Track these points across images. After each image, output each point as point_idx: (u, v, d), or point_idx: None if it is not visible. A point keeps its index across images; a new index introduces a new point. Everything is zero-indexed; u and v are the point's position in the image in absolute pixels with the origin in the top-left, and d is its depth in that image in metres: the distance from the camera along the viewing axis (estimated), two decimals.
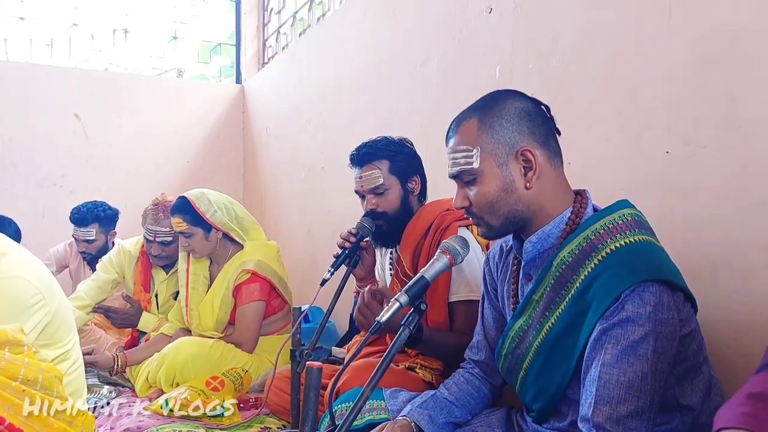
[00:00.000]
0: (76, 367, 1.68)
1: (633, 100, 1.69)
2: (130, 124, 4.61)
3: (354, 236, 1.95)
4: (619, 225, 1.20)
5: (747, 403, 0.75)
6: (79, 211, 3.46)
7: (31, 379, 1.28)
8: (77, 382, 1.70)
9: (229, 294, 2.56)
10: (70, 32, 4.69)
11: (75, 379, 1.68)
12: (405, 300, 1.25)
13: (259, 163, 4.63)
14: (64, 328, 1.62)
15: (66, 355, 1.61)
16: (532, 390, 1.30)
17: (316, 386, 1.12)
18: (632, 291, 1.11)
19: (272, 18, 4.77)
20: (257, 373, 2.43)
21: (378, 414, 1.49)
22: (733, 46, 1.45)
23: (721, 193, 1.47)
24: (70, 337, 1.66)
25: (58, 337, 1.59)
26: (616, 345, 1.11)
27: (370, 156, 1.96)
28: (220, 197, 2.65)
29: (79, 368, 1.71)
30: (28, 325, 1.45)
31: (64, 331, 1.63)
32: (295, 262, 3.83)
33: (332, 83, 3.44)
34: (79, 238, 3.46)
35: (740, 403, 0.76)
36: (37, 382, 1.28)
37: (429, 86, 2.57)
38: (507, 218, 1.27)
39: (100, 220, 3.46)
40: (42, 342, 1.52)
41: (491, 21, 2.22)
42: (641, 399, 1.09)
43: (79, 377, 1.70)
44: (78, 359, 1.71)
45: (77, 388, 1.70)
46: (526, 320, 1.30)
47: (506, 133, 1.25)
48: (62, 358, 1.61)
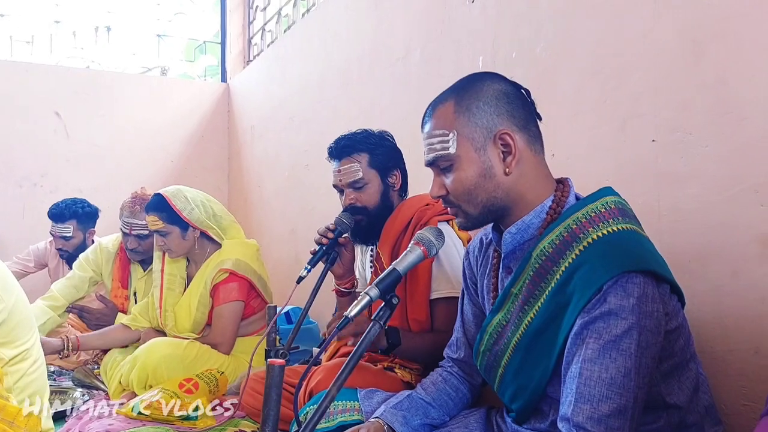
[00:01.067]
0: (36, 367, 1.60)
1: (618, 87, 1.63)
2: (112, 123, 4.52)
3: (332, 232, 1.87)
4: (602, 213, 1.14)
5: None
6: (57, 206, 3.38)
7: None
8: (38, 382, 1.62)
9: (207, 294, 2.48)
10: (51, 29, 4.61)
11: (35, 380, 1.60)
12: (375, 293, 1.18)
13: (244, 162, 4.56)
14: (22, 327, 1.54)
15: (25, 354, 1.53)
16: (510, 388, 1.23)
17: (278, 384, 1.04)
18: (615, 282, 1.04)
19: (257, 15, 4.70)
20: (234, 374, 2.35)
21: (351, 415, 1.42)
22: (722, 29, 1.39)
23: (709, 182, 1.40)
24: (30, 335, 1.57)
25: (15, 335, 1.50)
26: (597, 339, 1.04)
27: (349, 149, 1.89)
28: (197, 194, 2.56)
29: (40, 368, 1.63)
30: None
31: (23, 329, 1.54)
32: (278, 261, 3.75)
33: (315, 79, 3.38)
34: (56, 234, 3.37)
35: None
36: None
37: (411, 79, 2.50)
38: (485, 206, 1.20)
39: (78, 216, 3.37)
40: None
41: (473, 11, 2.16)
42: (624, 397, 1.02)
43: (39, 377, 1.62)
44: (39, 359, 1.63)
45: (38, 388, 1.62)
46: (505, 315, 1.23)
47: (484, 116, 1.18)
48: (21, 358, 1.53)
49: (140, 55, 5.01)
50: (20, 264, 3.70)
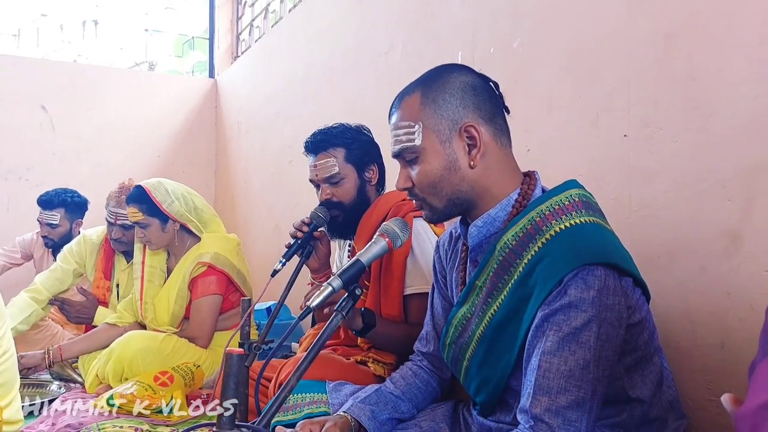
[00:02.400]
0: (7, 358, 1.59)
1: (592, 83, 1.63)
2: (99, 117, 4.50)
3: (307, 226, 1.86)
4: (565, 206, 1.13)
5: None
6: (47, 194, 3.40)
7: None
8: (9, 373, 1.60)
9: (185, 287, 2.47)
10: (38, 23, 4.59)
11: (6, 370, 1.58)
12: (338, 284, 1.17)
13: (231, 158, 4.54)
14: None
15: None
16: (475, 381, 1.23)
17: (236, 374, 1.03)
18: (575, 275, 1.03)
19: (246, 11, 4.69)
20: (211, 368, 2.34)
21: (318, 407, 1.41)
22: (692, 25, 1.39)
23: (679, 177, 1.41)
24: (0, 324, 1.56)
25: None
26: (557, 332, 1.04)
27: (325, 143, 1.88)
28: (178, 187, 2.56)
29: (11, 359, 1.61)
30: None
31: None
32: (263, 257, 3.75)
33: (300, 74, 3.37)
34: (43, 221, 3.38)
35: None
36: None
37: (393, 74, 2.50)
38: (450, 199, 1.20)
39: (66, 205, 3.38)
40: None
41: (453, 6, 2.16)
42: (582, 389, 1.02)
43: (10, 368, 1.60)
44: (9, 349, 1.61)
45: (8, 379, 1.60)
46: (470, 308, 1.23)
47: (449, 108, 1.18)
48: None
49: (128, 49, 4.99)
50: (6, 256, 3.69)
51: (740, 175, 1.28)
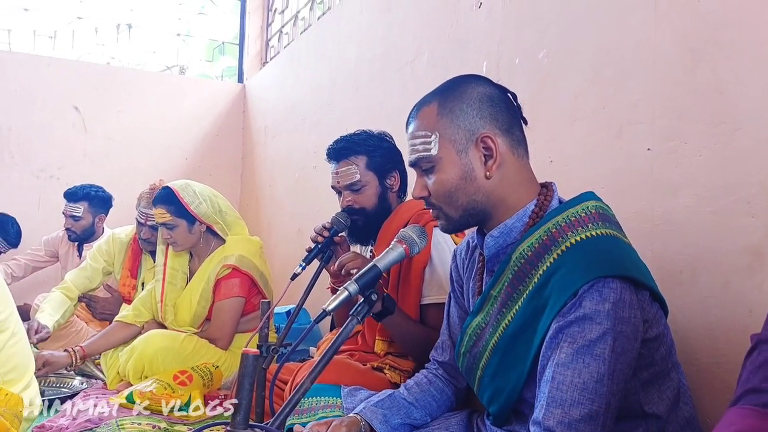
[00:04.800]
0: (16, 340, 1.61)
1: (616, 95, 1.62)
2: (129, 119, 4.59)
3: (328, 231, 1.88)
4: (582, 218, 1.13)
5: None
6: (73, 187, 3.53)
7: None
8: (20, 356, 1.62)
9: (209, 289, 2.50)
10: (73, 25, 4.70)
11: (17, 353, 1.60)
12: (354, 289, 1.18)
13: (256, 162, 4.59)
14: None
15: (1, 326, 1.54)
16: (488, 391, 1.22)
17: (251, 374, 1.04)
18: (591, 287, 1.03)
19: (275, 18, 4.74)
20: (230, 369, 2.36)
21: (332, 411, 1.42)
22: (720, 38, 1.37)
23: (703, 191, 1.39)
24: (4, 307, 1.58)
25: None
26: (571, 344, 1.03)
27: (346, 151, 1.89)
28: (204, 189, 2.59)
29: (20, 342, 1.63)
30: None
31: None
32: (285, 260, 3.78)
33: (327, 81, 3.40)
34: (67, 213, 3.49)
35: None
36: None
37: (419, 82, 2.51)
38: (465, 209, 1.20)
39: (90, 198, 3.49)
40: None
41: (480, 16, 2.16)
42: (596, 402, 1.01)
43: (20, 352, 1.63)
44: (17, 333, 1.63)
45: (19, 362, 1.62)
46: (484, 317, 1.23)
47: (467, 119, 1.18)
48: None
49: (160, 53, 5.08)
50: (31, 256, 3.78)
51: (765, 191, 1.26)
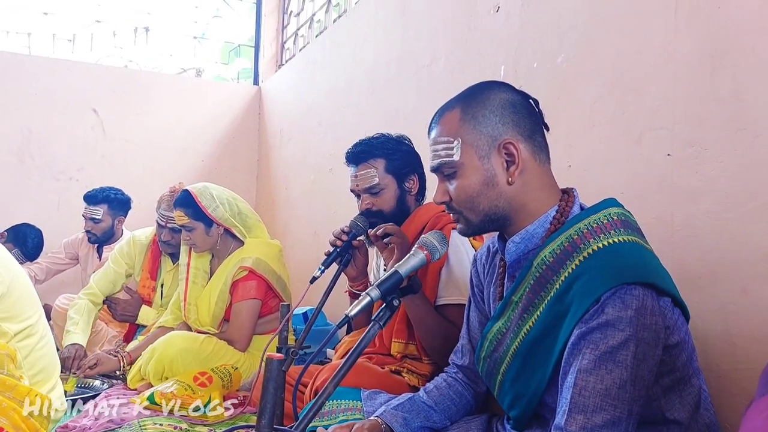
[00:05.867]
0: (44, 344, 1.65)
1: (636, 100, 1.62)
2: (147, 121, 4.63)
3: (346, 234, 1.89)
4: (604, 225, 1.14)
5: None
6: (93, 190, 3.58)
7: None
8: (47, 359, 1.66)
9: (226, 290, 2.53)
10: (92, 29, 4.75)
11: (44, 356, 1.64)
12: (376, 294, 1.19)
13: (272, 164, 4.62)
14: (24, 301, 1.59)
15: (31, 330, 1.57)
16: (509, 395, 1.23)
17: (275, 378, 1.06)
18: (613, 293, 1.04)
19: (291, 20, 4.77)
20: (248, 371, 2.39)
21: (353, 414, 1.44)
22: (740, 44, 1.37)
23: (723, 198, 1.39)
24: (33, 311, 1.62)
25: (18, 310, 1.55)
26: (594, 350, 1.04)
27: (365, 154, 1.91)
28: (223, 192, 2.63)
29: (47, 345, 1.67)
30: None
31: (25, 304, 1.59)
32: (301, 263, 3.80)
33: (343, 84, 3.42)
34: (87, 215, 3.54)
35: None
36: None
37: (435, 86, 2.52)
38: (487, 214, 1.21)
39: (109, 201, 3.54)
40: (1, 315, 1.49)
41: (498, 20, 2.17)
42: (618, 408, 1.02)
43: (48, 354, 1.67)
44: (45, 336, 1.67)
45: (48, 363, 1.66)
46: (505, 322, 1.24)
47: (489, 125, 1.19)
48: (27, 333, 1.57)
49: (177, 56, 5.12)
50: (51, 259, 3.83)
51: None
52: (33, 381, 1.53)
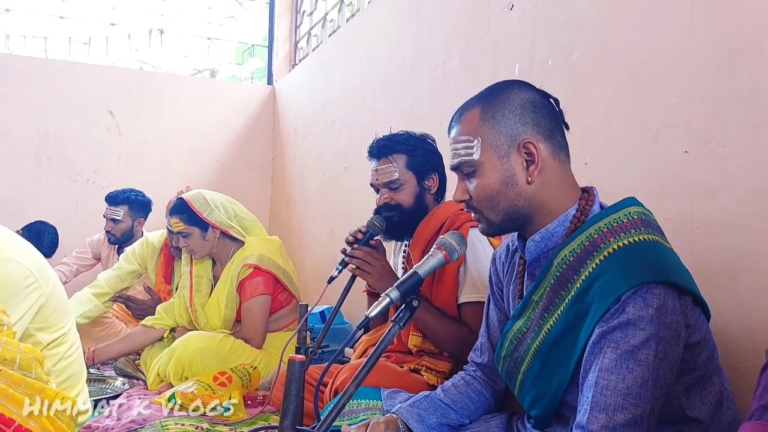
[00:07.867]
0: (73, 351, 1.68)
1: (653, 97, 1.61)
2: (162, 123, 4.68)
3: (363, 234, 1.90)
4: (624, 224, 1.14)
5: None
6: (114, 191, 3.65)
7: (8, 358, 1.26)
8: (75, 365, 1.69)
9: (234, 291, 2.56)
10: (107, 31, 4.80)
11: (73, 363, 1.67)
12: (396, 296, 1.20)
13: (287, 163, 4.64)
14: (59, 312, 1.62)
15: (62, 338, 1.61)
16: (530, 395, 1.24)
17: (298, 380, 1.08)
18: (634, 292, 1.04)
19: (304, 20, 4.79)
20: (266, 369, 2.41)
21: (373, 414, 1.45)
22: (757, 40, 1.37)
23: (742, 195, 1.38)
24: (66, 320, 1.65)
25: (53, 320, 1.58)
26: (615, 349, 1.04)
27: (387, 149, 1.92)
28: (217, 196, 2.67)
29: (77, 352, 1.71)
30: (22, 307, 1.45)
31: (60, 314, 1.62)
32: (317, 261, 3.82)
33: (357, 83, 3.42)
34: (107, 216, 3.59)
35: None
36: (14, 362, 1.27)
37: (450, 84, 2.52)
38: (507, 213, 1.21)
39: (130, 202, 3.59)
40: (37, 325, 1.52)
41: (512, 17, 2.17)
42: (640, 407, 1.02)
43: (76, 360, 1.70)
44: (75, 343, 1.70)
45: (76, 371, 1.69)
46: (525, 322, 1.24)
47: (509, 124, 1.19)
48: (59, 342, 1.61)
49: (191, 57, 5.16)
50: (78, 258, 3.87)
51: None
52: (60, 387, 1.56)
